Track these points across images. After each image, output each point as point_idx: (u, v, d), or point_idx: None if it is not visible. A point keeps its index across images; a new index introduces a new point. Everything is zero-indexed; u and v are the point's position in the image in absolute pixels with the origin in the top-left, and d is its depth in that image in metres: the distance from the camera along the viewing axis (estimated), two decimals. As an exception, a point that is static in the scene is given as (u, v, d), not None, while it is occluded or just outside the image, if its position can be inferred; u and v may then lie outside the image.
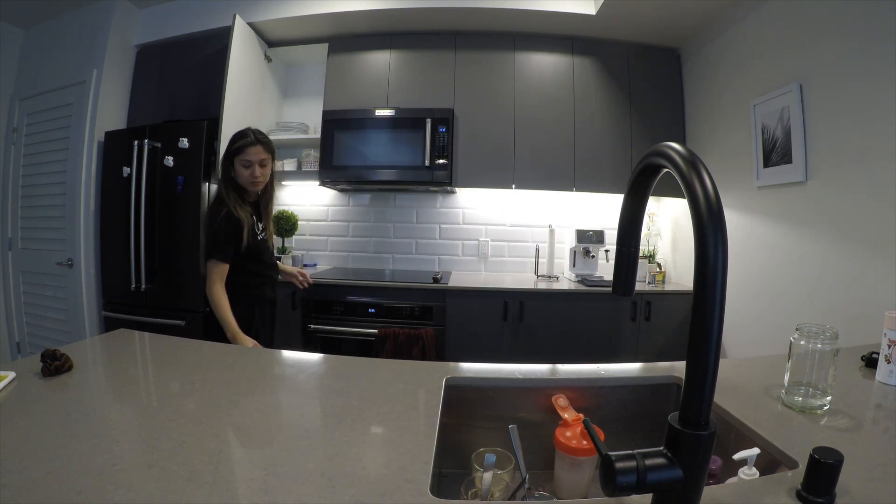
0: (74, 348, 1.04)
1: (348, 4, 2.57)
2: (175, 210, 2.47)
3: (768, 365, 1.09)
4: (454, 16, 2.62)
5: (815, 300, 1.81)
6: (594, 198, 2.97)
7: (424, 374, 0.97)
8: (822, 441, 0.65)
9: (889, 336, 0.95)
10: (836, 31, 1.72)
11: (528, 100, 2.74)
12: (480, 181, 2.73)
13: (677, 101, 2.83)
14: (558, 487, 0.85)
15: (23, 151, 2.93)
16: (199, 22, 2.75)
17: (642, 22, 2.58)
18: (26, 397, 0.78)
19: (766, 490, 0.56)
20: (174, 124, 2.53)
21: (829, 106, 1.76)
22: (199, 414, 0.74)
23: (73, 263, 2.71)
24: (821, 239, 1.80)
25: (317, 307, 2.45)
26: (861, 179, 1.62)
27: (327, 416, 0.77)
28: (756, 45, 2.18)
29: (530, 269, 3.01)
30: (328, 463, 0.61)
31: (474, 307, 2.40)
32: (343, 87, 2.76)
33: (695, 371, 0.41)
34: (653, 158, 0.48)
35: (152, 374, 0.97)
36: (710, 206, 0.40)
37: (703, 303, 0.40)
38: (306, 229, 3.13)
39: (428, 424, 0.73)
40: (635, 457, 0.43)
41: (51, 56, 2.89)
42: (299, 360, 1.05)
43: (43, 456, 0.59)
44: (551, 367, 1.03)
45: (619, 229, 0.58)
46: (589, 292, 2.43)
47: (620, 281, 0.59)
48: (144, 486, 0.53)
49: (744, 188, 2.25)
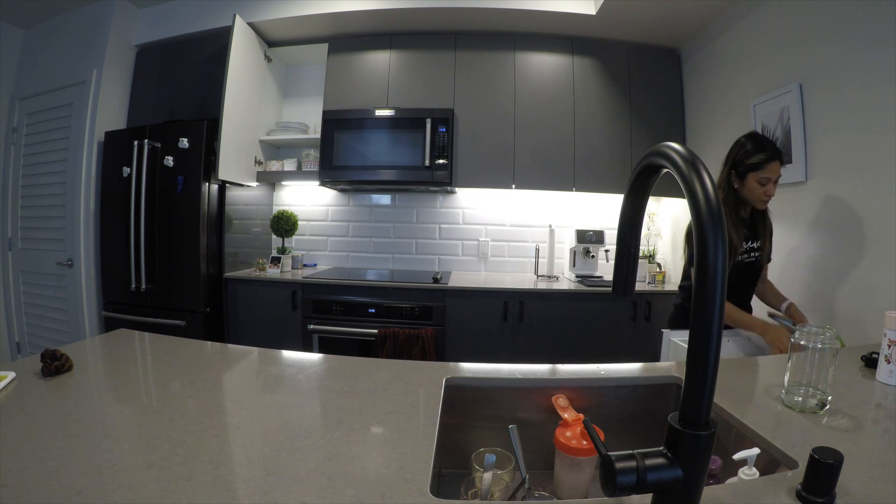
0: (74, 348, 1.04)
1: (348, 4, 2.57)
2: (175, 210, 2.47)
3: (768, 365, 1.09)
4: (454, 16, 2.62)
5: (815, 300, 1.81)
6: (594, 198, 2.97)
7: (424, 374, 0.97)
8: (822, 441, 0.65)
9: (889, 336, 0.95)
10: (836, 32, 1.72)
11: (527, 100, 2.74)
12: (480, 181, 2.73)
13: (677, 101, 2.83)
14: (558, 487, 0.85)
15: (23, 151, 2.93)
16: (199, 22, 2.75)
17: (642, 22, 2.58)
18: (26, 397, 0.78)
19: (766, 490, 0.56)
20: (174, 124, 2.53)
21: (829, 106, 1.76)
22: (199, 414, 0.74)
23: (73, 263, 2.71)
24: (821, 239, 1.80)
25: (317, 307, 2.45)
26: (861, 179, 1.62)
27: (327, 416, 0.77)
28: (756, 45, 2.18)
29: (530, 269, 3.01)
30: (328, 463, 0.61)
31: (474, 307, 2.40)
32: (343, 87, 2.76)
33: (695, 371, 0.41)
34: (653, 158, 0.48)
35: (152, 374, 0.97)
36: (710, 206, 0.40)
37: (703, 303, 0.40)
38: (306, 229, 3.13)
39: (428, 424, 0.73)
40: (635, 457, 0.43)
41: (51, 56, 2.89)
42: (299, 360, 1.05)
43: (43, 456, 0.59)
44: (551, 367, 1.03)
45: (619, 229, 0.58)
46: (589, 292, 2.43)
47: (620, 281, 0.59)
48: (144, 486, 0.53)
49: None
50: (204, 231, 2.46)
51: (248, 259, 2.83)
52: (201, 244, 2.45)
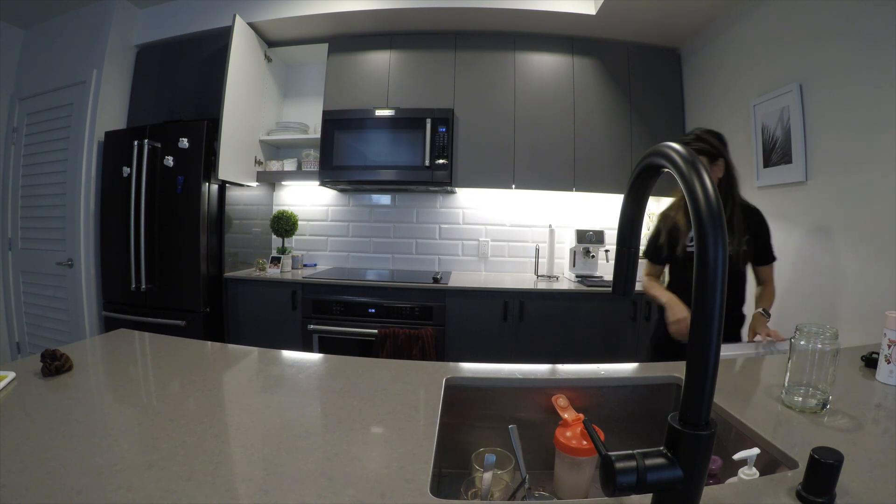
0: (74, 348, 1.04)
1: (348, 4, 2.57)
2: (175, 210, 2.47)
3: (768, 365, 1.09)
4: (454, 16, 2.62)
5: (815, 300, 1.81)
6: (594, 198, 2.97)
7: (424, 374, 0.97)
8: (822, 441, 0.65)
9: (889, 336, 0.95)
10: (836, 32, 1.72)
11: (528, 100, 2.74)
12: (480, 181, 2.73)
13: (677, 101, 2.83)
14: (558, 487, 0.85)
15: (23, 151, 2.93)
16: (199, 22, 2.75)
17: (642, 22, 2.58)
18: (26, 397, 0.78)
19: (766, 490, 0.56)
20: (174, 124, 2.53)
21: (829, 106, 1.76)
22: (199, 414, 0.74)
23: (73, 263, 2.71)
24: (821, 239, 1.80)
25: (316, 307, 2.45)
26: (861, 179, 1.62)
27: (327, 416, 0.77)
28: (756, 45, 2.18)
29: (530, 269, 3.01)
30: (328, 463, 0.61)
31: (474, 307, 2.40)
32: (343, 87, 2.76)
33: (695, 371, 0.41)
34: (653, 158, 0.48)
35: (152, 374, 0.96)
36: (710, 206, 0.40)
37: (703, 303, 0.40)
38: (306, 229, 3.13)
39: (428, 424, 0.73)
40: (635, 457, 0.43)
41: (51, 56, 2.89)
42: (299, 360, 1.05)
43: (43, 456, 0.59)
44: (551, 367, 1.03)
45: (619, 229, 0.58)
46: (589, 292, 2.43)
47: (620, 281, 0.59)
48: (144, 486, 0.53)
49: (744, 188, 2.21)
50: (204, 231, 2.46)
51: (248, 259, 2.83)
52: (201, 244, 2.45)
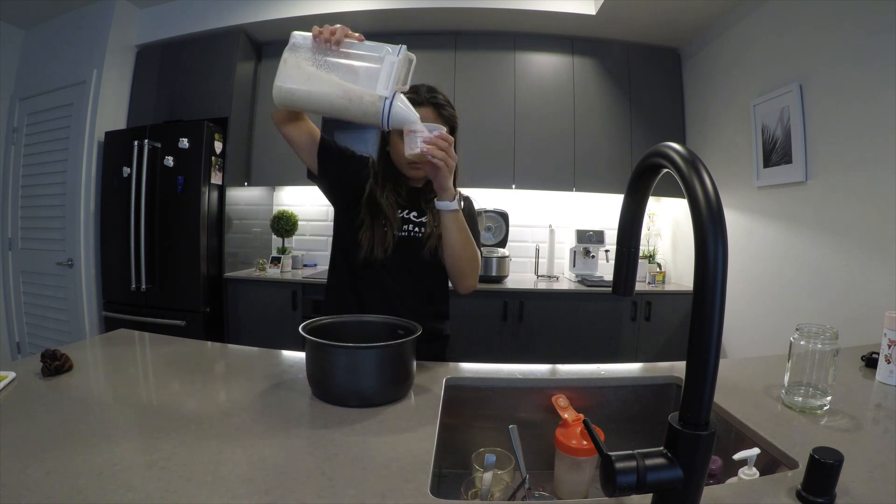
0: (74, 348, 1.04)
1: (348, 4, 2.57)
2: (175, 210, 2.47)
3: (768, 365, 1.09)
4: (454, 16, 2.62)
5: (815, 300, 1.81)
6: (594, 198, 2.97)
7: (424, 374, 0.97)
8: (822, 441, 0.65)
9: (889, 336, 0.95)
10: (836, 32, 1.72)
11: (528, 100, 2.74)
12: (480, 181, 2.72)
13: (677, 101, 2.83)
14: (558, 487, 0.85)
15: (23, 151, 2.93)
16: (199, 22, 2.75)
17: (642, 22, 2.58)
18: (26, 397, 0.78)
19: (766, 490, 0.56)
20: (174, 124, 2.53)
21: (829, 106, 1.76)
22: (199, 414, 0.74)
23: (73, 263, 2.71)
24: (821, 239, 1.80)
25: (316, 307, 2.45)
26: (861, 179, 1.62)
27: (327, 415, 0.77)
28: (756, 45, 2.18)
29: (530, 269, 3.01)
30: (328, 463, 0.60)
31: (474, 307, 2.40)
32: (343, 87, 2.76)
33: (695, 371, 0.41)
34: (653, 159, 0.48)
35: (152, 374, 0.96)
36: (710, 206, 0.40)
37: (703, 303, 0.40)
38: (306, 229, 3.12)
39: (428, 424, 0.73)
40: (635, 457, 0.43)
41: (51, 56, 2.89)
42: (299, 360, 1.05)
43: (43, 456, 0.59)
44: (551, 367, 1.03)
45: (619, 229, 0.58)
46: (589, 292, 2.43)
47: (620, 281, 0.59)
48: (144, 486, 0.53)
49: (744, 188, 2.25)
50: (204, 231, 2.46)
51: (248, 259, 2.83)
52: (201, 244, 2.45)
